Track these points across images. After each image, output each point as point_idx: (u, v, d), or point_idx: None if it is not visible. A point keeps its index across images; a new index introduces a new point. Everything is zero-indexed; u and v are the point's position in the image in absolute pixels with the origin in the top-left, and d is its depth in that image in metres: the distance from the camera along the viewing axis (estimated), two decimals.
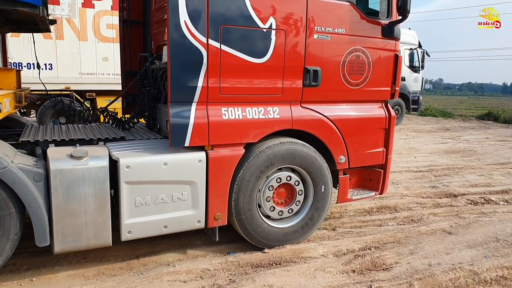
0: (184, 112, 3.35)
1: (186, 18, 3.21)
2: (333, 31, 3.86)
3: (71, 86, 9.88)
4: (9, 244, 2.95)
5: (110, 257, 3.75)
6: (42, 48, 9.37)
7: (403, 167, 8.04)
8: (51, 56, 9.62)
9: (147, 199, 3.30)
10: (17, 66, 9.30)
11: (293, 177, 3.95)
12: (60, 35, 9.64)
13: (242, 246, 3.99)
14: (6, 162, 2.82)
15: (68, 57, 9.79)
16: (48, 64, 9.63)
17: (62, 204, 3.00)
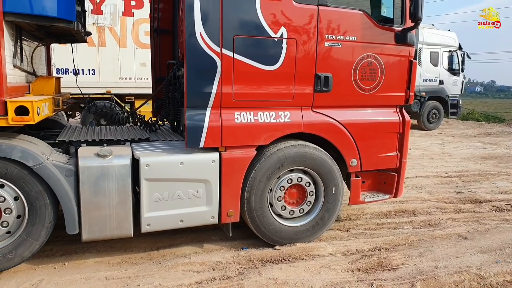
0: (199, 116, 3.64)
1: (201, 30, 3.51)
2: (345, 38, 4.01)
3: (112, 90, 10.55)
4: (44, 231, 3.36)
5: (133, 247, 4.11)
6: (86, 55, 10.13)
7: (431, 172, 7.94)
8: (94, 62, 10.32)
9: (165, 195, 3.61)
10: (64, 72, 10.06)
11: (304, 178, 4.13)
12: (102, 43, 10.33)
13: (255, 242, 4.21)
14: (42, 159, 3.23)
15: (109, 63, 10.46)
16: (91, 69, 10.35)
17: (89, 197, 3.38)
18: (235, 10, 3.59)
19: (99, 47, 10.36)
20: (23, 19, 3.32)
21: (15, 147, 3.17)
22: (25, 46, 4.03)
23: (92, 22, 10.09)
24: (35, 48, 4.19)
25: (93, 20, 10.11)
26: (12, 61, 3.46)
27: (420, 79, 14.69)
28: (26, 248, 3.33)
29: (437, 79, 15.07)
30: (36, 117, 3.14)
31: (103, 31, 10.29)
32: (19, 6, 3.22)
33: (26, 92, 3.81)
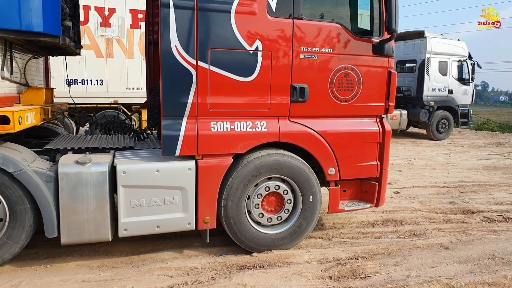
0: (175, 125, 3.78)
1: (177, 43, 3.67)
2: (320, 50, 4.11)
3: (119, 100, 10.86)
4: (24, 234, 3.54)
5: (116, 252, 4.25)
6: (94, 66, 10.50)
7: (429, 182, 7.88)
8: (102, 73, 10.65)
9: (142, 201, 3.75)
10: (73, 83, 10.42)
11: (282, 186, 4.22)
12: (110, 54, 10.67)
13: (234, 249, 4.30)
14: (23, 166, 3.42)
15: (117, 74, 10.79)
16: (99, 80, 10.68)
17: (68, 203, 3.55)
18: (210, 24, 3.74)
19: (107, 58, 10.70)
20: (9, 34, 3.54)
21: None
22: (18, 58, 4.27)
23: (100, 34, 10.47)
24: (27, 61, 4.43)
25: (102, 32, 10.47)
26: (0, 73, 3.68)
27: (428, 89, 14.59)
28: (6, 250, 3.51)
29: (446, 88, 14.91)
30: (18, 126, 3.34)
31: (111, 43, 10.64)
32: (5, 22, 3.44)
33: (15, 102, 4.03)
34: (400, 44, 15.80)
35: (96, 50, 10.45)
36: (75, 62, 10.25)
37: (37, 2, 3.58)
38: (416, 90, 14.89)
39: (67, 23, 4.30)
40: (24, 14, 3.54)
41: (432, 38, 14.45)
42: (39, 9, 3.61)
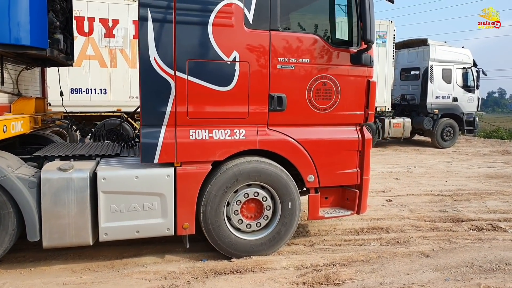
0: (154, 133, 3.92)
1: (155, 54, 3.82)
2: (298, 61, 4.22)
3: (122, 108, 11.11)
4: (8, 238, 3.71)
5: (100, 256, 4.39)
6: (98, 76, 10.78)
7: (424, 191, 7.86)
8: (106, 82, 10.93)
9: (121, 207, 3.89)
10: (78, 92, 10.70)
11: (261, 193, 4.31)
12: (114, 64, 10.95)
13: (216, 255, 4.38)
14: (6, 172, 3.60)
15: (120, 83, 11.05)
16: (103, 89, 10.96)
17: (49, 207, 3.71)
18: (188, 36, 3.89)
19: (111, 68, 10.98)
20: None
21: None
22: (10, 70, 4.48)
23: (104, 45, 10.76)
24: (20, 72, 4.64)
25: (106, 43, 10.77)
26: None
27: (432, 96, 14.55)
28: None
29: (451, 96, 14.82)
30: (2, 134, 3.53)
31: (115, 53, 10.92)
32: None
33: (6, 112, 4.23)
34: (404, 52, 15.83)
35: (100, 60, 10.74)
36: (80, 72, 10.58)
37: (24, 17, 3.79)
38: (420, 98, 14.85)
39: (57, 36, 4.50)
40: (11, 28, 3.75)
41: (435, 45, 14.43)
42: (26, 24, 3.82)
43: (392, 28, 13.84)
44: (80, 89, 10.68)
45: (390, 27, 13.71)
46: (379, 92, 13.72)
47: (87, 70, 10.61)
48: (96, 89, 10.90)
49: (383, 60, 13.63)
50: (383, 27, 13.59)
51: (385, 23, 13.69)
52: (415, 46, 15.25)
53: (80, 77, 10.54)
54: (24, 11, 3.76)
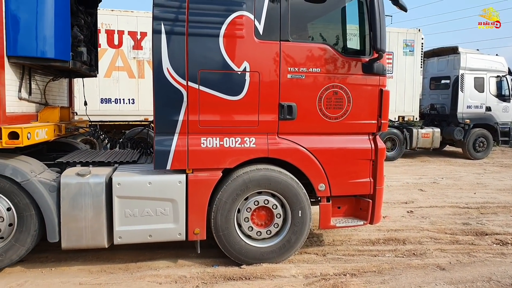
0: (167, 141, 4.07)
1: (168, 66, 3.98)
2: (308, 70, 4.27)
3: (149, 118, 11.45)
4: (30, 238, 3.94)
5: (116, 259, 4.56)
6: (127, 86, 11.20)
7: (450, 203, 7.62)
8: (134, 93, 11.32)
9: (135, 211, 4.05)
10: (107, 102, 11.15)
11: (271, 200, 4.35)
12: (142, 75, 11.34)
13: (227, 261, 4.45)
14: (30, 176, 3.84)
15: (148, 93, 11.38)
16: (131, 99, 11.36)
17: (68, 211, 3.91)
18: (199, 48, 4.03)
19: (139, 79, 11.37)
20: (24, 61, 4.03)
21: (8, 165, 3.81)
22: (38, 81, 4.78)
23: (133, 56, 11.18)
24: (47, 83, 4.94)
25: (134, 54, 11.19)
26: (18, 95, 4.16)
27: (463, 106, 14.10)
28: (14, 252, 3.92)
29: (483, 105, 14.31)
30: (26, 141, 3.77)
31: (143, 64, 11.32)
32: (22, 49, 3.93)
33: (33, 120, 4.51)
34: (434, 60, 15.49)
35: (128, 71, 11.16)
36: (110, 83, 11.05)
37: (49, 32, 4.06)
38: (450, 107, 14.43)
39: (80, 49, 4.79)
40: (38, 43, 4.03)
41: (466, 53, 14.03)
42: (51, 38, 4.09)
43: (420, 36, 13.60)
44: (110, 99, 11.11)
45: (417, 36, 13.47)
46: (407, 101, 13.50)
47: (116, 81, 11.05)
48: (125, 99, 11.30)
49: (410, 69, 13.38)
50: (410, 36, 13.38)
51: (412, 32, 13.48)
52: (445, 55, 14.88)
53: (110, 88, 10.99)
54: (49, 26, 4.03)
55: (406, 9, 4.56)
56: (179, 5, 3.95)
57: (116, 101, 11.17)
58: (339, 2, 4.46)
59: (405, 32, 13.48)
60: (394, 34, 13.30)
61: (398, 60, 13.23)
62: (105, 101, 11.10)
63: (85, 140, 10.85)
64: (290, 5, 4.19)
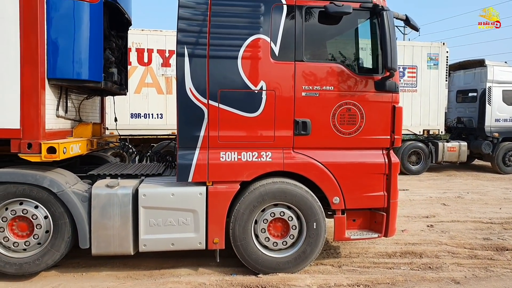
0: (189, 155, 4.37)
1: (190, 85, 4.31)
2: (322, 88, 4.49)
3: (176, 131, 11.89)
4: (64, 244, 4.29)
5: (142, 266, 4.86)
6: (155, 102, 11.71)
7: (472, 217, 7.55)
8: (162, 108, 11.81)
9: (159, 221, 4.34)
10: (137, 117, 11.68)
11: (287, 212, 4.55)
12: (170, 91, 11.82)
13: (245, 270, 4.66)
14: (65, 187, 4.22)
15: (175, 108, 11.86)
16: (159, 114, 11.85)
17: (98, 219, 4.25)
18: (219, 69, 4.34)
19: (167, 95, 11.85)
20: (62, 82, 4.45)
21: (46, 177, 4.20)
22: (74, 99, 5.21)
23: (161, 73, 11.71)
24: (81, 101, 5.37)
25: (163, 72, 11.71)
26: (55, 113, 4.58)
27: (491, 119, 13.85)
28: (50, 257, 4.28)
29: None
30: (62, 155, 4.15)
31: (171, 81, 11.81)
32: (59, 72, 4.34)
33: (68, 136, 4.92)
34: (460, 73, 15.33)
35: (157, 88, 11.68)
36: (139, 99, 11.60)
37: (84, 56, 4.47)
38: (478, 121, 14.19)
39: (111, 70, 5.20)
40: (74, 66, 4.43)
41: (493, 66, 13.83)
42: (86, 62, 4.50)
43: (445, 49, 13.53)
44: (139, 114, 11.63)
45: (442, 49, 13.41)
46: (431, 115, 13.38)
47: (145, 97, 11.58)
48: (153, 114, 11.79)
49: (435, 83, 13.30)
50: (434, 49, 13.34)
51: (436, 45, 13.43)
52: (471, 67, 14.71)
53: (140, 103, 11.52)
54: (84, 51, 4.44)
55: (418, 29, 4.73)
56: (201, 30, 4.28)
57: (145, 116, 11.67)
58: (352, 23, 4.66)
59: (429, 45, 13.45)
60: (417, 48, 13.31)
61: (422, 73, 13.19)
62: (135, 116, 11.63)
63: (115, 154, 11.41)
64: (304, 27, 4.44)
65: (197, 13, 4.28)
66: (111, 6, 4.98)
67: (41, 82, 4.12)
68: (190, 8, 4.28)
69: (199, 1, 4.29)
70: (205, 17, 4.29)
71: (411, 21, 4.64)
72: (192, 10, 4.28)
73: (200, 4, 4.29)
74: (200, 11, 4.29)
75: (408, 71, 13.13)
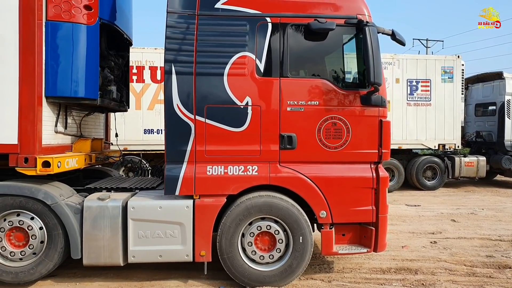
0: (176, 169, 4.50)
1: (178, 102, 4.47)
2: (307, 103, 4.56)
3: None
4: (57, 254, 4.48)
5: (134, 277, 4.98)
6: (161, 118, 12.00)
7: (481, 234, 7.33)
8: None
9: (147, 233, 4.47)
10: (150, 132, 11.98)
11: (273, 226, 4.59)
12: None
13: (233, 283, 4.70)
14: (58, 199, 4.42)
15: None
16: None
17: (89, 231, 4.43)
18: (206, 85, 4.49)
19: None
20: (59, 100, 4.71)
21: (40, 190, 4.43)
22: (75, 116, 5.48)
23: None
24: (82, 117, 5.63)
25: None
26: (54, 129, 4.83)
27: (511, 133, 13.44)
28: (43, 266, 4.47)
29: None
30: (56, 169, 4.37)
31: None
32: (56, 91, 4.59)
33: (68, 151, 5.16)
34: (478, 86, 15.01)
35: None
36: (152, 115, 11.95)
37: (81, 75, 4.72)
38: (497, 135, 13.80)
39: (110, 88, 5.45)
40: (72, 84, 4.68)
41: (510, 79, 13.50)
42: (82, 80, 4.74)
43: (460, 62, 13.30)
44: (152, 129, 11.95)
45: (457, 62, 13.19)
46: (447, 129, 13.10)
47: (158, 113, 11.89)
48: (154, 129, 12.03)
49: (450, 96, 13.04)
50: (449, 62, 13.13)
51: (451, 58, 13.23)
52: (489, 80, 14.40)
53: (153, 119, 11.85)
54: (80, 71, 4.68)
55: (404, 43, 4.76)
56: (188, 49, 4.45)
57: (158, 131, 11.95)
58: (337, 39, 4.72)
59: (443, 59, 13.27)
60: (431, 62, 13.15)
61: (436, 87, 12.98)
62: (148, 131, 11.95)
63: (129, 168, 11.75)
64: (289, 44, 4.55)
65: (184, 33, 4.46)
66: (109, 27, 5.25)
67: (38, 100, 4.39)
68: (177, 28, 4.47)
69: (186, 21, 4.48)
70: (192, 36, 4.46)
71: (397, 36, 4.67)
72: (180, 30, 4.47)
73: (187, 24, 4.47)
74: (187, 31, 4.47)
75: (421, 85, 12.96)
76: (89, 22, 4.68)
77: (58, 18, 4.50)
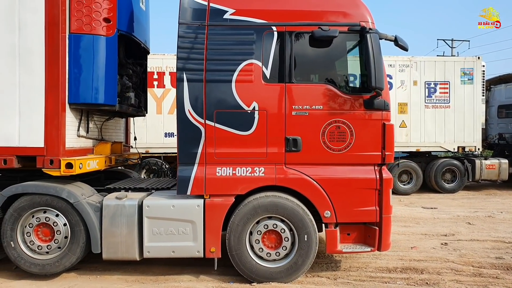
0: (188, 170, 4.80)
1: (189, 107, 4.77)
2: (311, 108, 4.77)
3: None
4: (79, 249, 4.85)
5: (150, 272, 5.31)
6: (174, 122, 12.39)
7: (494, 237, 7.30)
8: None
9: (161, 230, 4.78)
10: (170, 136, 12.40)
11: (279, 225, 4.82)
12: None
13: (243, 279, 4.93)
14: (80, 198, 4.80)
15: None
16: None
17: (107, 227, 4.78)
18: (215, 92, 4.77)
19: None
20: (81, 106, 5.10)
21: (64, 189, 4.81)
22: (96, 120, 5.87)
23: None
24: (103, 122, 6.02)
25: None
26: (77, 133, 5.22)
27: None
28: (67, 260, 4.85)
29: None
30: (78, 170, 4.75)
31: None
32: (78, 98, 4.98)
33: (89, 153, 5.55)
34: (501, 87, 14.77)
35: None
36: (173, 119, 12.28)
37: (100, 83, 5.09)
38: None
39: (128, 94, 5.82)
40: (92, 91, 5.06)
41: None
42: (102, 88, 5.11)
43: (480, 64, 13.13)
44: (172, 133, 12.34)
45: (477, 64, 13.03)
46: (467, 131, 12.94)
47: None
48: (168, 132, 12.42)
49: (469, 98, 12.88)
50: (468, 64, 12.99)
51: (471, 60, 13.08)
52: None
53: (173, 123, 12.13)
54: (100, 79, 5.06)
55: (407, 49, 4.90)
56: (198, 57, 4.75)
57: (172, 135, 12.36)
58: (341, 45, 4.93)
59: (462, 60, 13.15)
60: (450, 63, 13.05)
61: (455, 89, 12.86)
62: (169, 135, 12.36)
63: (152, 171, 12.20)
64: (294, 51, 4.79)
65: (194, 43, 4.77)
66: (127, 38, 5.62)
67: (62, 107, 4.78)
68: (188, 38, 4.78)
69: (196, 31, 4.78)
70: (202, 46, 4.76)
71: (400, 41, 4.82)
72: (191, 40, 4.77)
73: (198, 34, 4.77)
74: (198, 40, 4.77)
75: (439, 87, 12.88)
76: (108, 33, 5.05)
77: (80, 31, 4.88)
